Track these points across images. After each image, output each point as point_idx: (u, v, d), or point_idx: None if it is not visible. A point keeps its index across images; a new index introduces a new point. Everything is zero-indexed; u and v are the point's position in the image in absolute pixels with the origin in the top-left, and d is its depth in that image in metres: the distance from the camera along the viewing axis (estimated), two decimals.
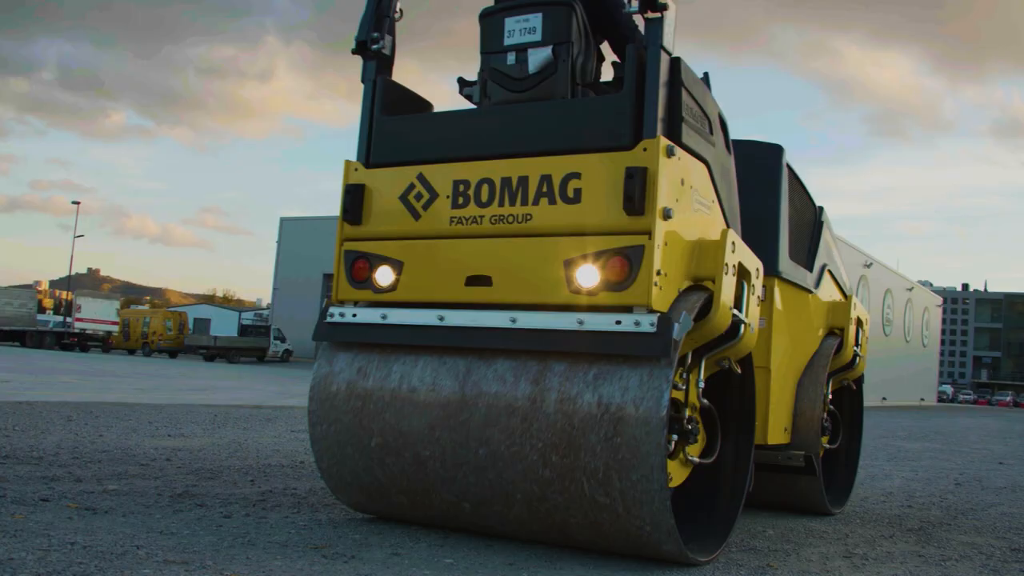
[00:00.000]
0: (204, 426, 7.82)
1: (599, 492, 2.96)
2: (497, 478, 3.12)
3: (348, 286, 3.52)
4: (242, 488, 4.44)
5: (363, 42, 3.65)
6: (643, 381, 2.92)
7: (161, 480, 4.50)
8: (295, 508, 3.95)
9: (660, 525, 2.95)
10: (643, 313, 2.94)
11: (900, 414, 25.21)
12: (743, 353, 3.46)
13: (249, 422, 8.62)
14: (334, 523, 3.64)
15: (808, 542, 3.96)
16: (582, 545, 3.23)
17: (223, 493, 4.22)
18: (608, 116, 3.13)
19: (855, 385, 5.45)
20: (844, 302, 5.18)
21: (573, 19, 3.35)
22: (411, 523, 3.61)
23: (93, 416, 7.92)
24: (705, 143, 3.38)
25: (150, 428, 7.29)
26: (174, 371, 22.77)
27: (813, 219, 5.19)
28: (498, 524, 3.29)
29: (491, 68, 3.49)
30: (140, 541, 3.03)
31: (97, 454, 5.35)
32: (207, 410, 9.77)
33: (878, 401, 36.91)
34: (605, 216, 3.03)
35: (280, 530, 3.40)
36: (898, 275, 45.65)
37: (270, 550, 3.04)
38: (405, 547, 3.22)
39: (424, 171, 3.41)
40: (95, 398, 10.43)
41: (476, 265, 3.24)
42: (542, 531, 3.22)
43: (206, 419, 8.55)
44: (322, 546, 3.16)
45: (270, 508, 3.89)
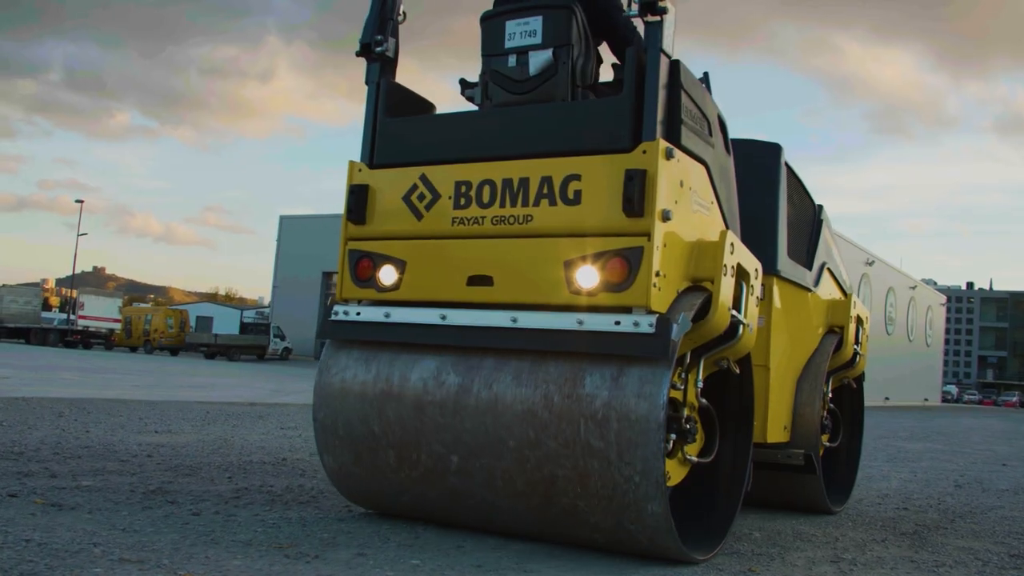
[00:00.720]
0: (194, 423, 7.79)
1: (599, 490, 2.99)
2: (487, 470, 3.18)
3: (352, 285, 3.56)
4: (218, 485, 4.39)
5: (367, 44, 3.69)
6: (641, 381, 2.94)
7: (137, 476, 4.44)
8: (267, 505, 3.89)
9: (658, 524, 2.97)
10: (642, 314, 2.97)
11: (903, 414, 25.07)
12: (742, 353, 3.49)
13: (240, 419, 8.57)
14: (304, 521, 3.58)
15: (795, 545, 3.84)
16: (577, 537, 3.24)
17: (197, 490, 4.16)
18: (608, 118, 3.17)
19: (856, 383, 5.45)
20: (844, 300, 5.18)
21: (573, 22, 3.38)
22: (392, 492, 3.53)
23: (85, 412, 7.92)
24: (704, 145, 3.41)
25: (139, 424, 7.26)
26: (174, 368, 22.77)
27: (812, 218, 5.20)
28: (485, 486, 3.26)
29: (492, 70, 3.52)
30: (99, 539, 2.97)
31: (79, 450, 5.32)
32: (200, 407, 9.72)
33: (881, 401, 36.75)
34: (605, 217, 3.06)
35: (247, 528, 3.34)
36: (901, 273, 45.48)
37: (232, 549, 2.98)
38: (372, 547, 3.16)
39: (427, 172, 3.45)
40: (92, 394, 10.40)
41: (477, 265, 3.28)
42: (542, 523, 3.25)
43: (198, 416, 8.51)
44: (286, 545, 3.10)
45: (242, 506, 3.83)
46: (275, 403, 11.69)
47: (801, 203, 4.99)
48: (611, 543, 3.16)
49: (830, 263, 5.27)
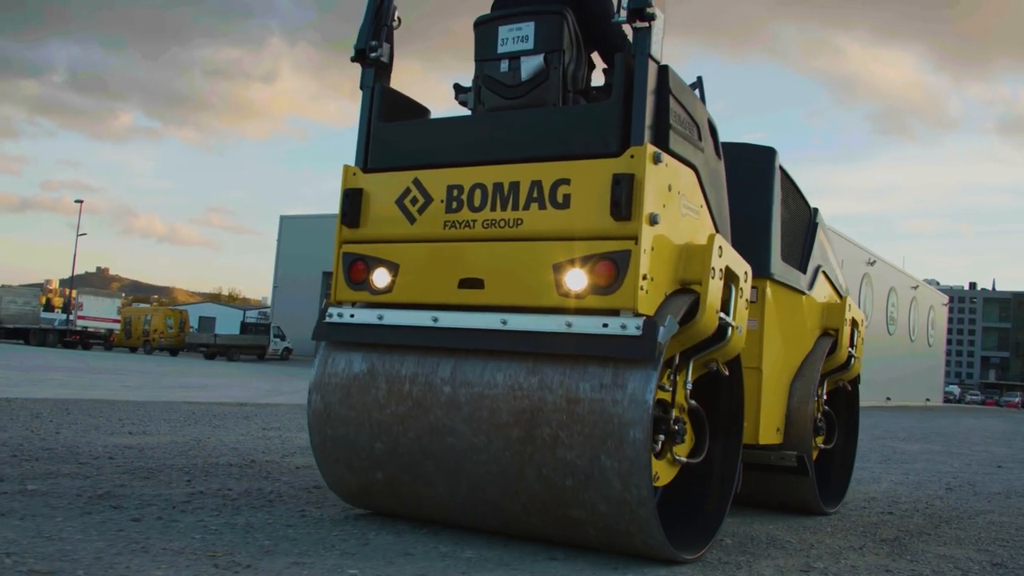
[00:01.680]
0: (174, 424, 7.68)
1: (582, 491, 3.03)
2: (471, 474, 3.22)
3: (346, 287, 3.61)
4: (173, 488, 4.27)
5: (362, 50, 3.75)
6: (628, 383, 2.98)
7: (91, 480, 4.32)
8: (216, 511, 3.76)
9: (646, 523, 3.00)
10: (629, 316, 3.01)
11: (903, 415, 24.89)
12: (731, 355, 3.52)
13: (224, 419, 8.45)
14: (249, 527, 3.45)
15: (766, 553, 3.67)
16: (572, 540, 3.28)
17: (148, 494, 4.04)
18: (596, 123, 3.20)
19: (851, 386, 5.48)
20: (839, 303, 5.21)
21: (564, 28, 3.42)
22: (384, 489, 3.52)
23: (64, 413, 7.85)
24: (693, 149, 3.44)
25: (115, 425, 7.16)
26: (170, 369, 22.69)
27: (808, 221, 5.22)
28: (474, 487, 3.30)
29: (485, 75, 3.57)
30: (17, 547, 2.83)
31: (40, 452, 5.23)
32: (187, 407, 9.62)
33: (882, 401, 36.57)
34: (593, 221, 3.10)
35: (185, 535, 3.22)
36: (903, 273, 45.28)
37: (160, 557, 2.85)
38: (312, 555, 3.06)
39: (419, 176, 3.49)
40: (76, 395, 10.32)
41: (469, 268, 3.32)
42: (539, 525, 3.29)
43: (180, 417, 8.41)
44: (220, 553, 2.97)
45: (190, 511, 3.71)
46: (266, 403, 11.58)
47: (796, 207, 5.02)
48: (600, 541, 3.19)
49: (825, 266, 5.29)
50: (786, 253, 4.66)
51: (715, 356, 3.46)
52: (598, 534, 3.15)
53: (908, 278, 45.72)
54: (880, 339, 38.51)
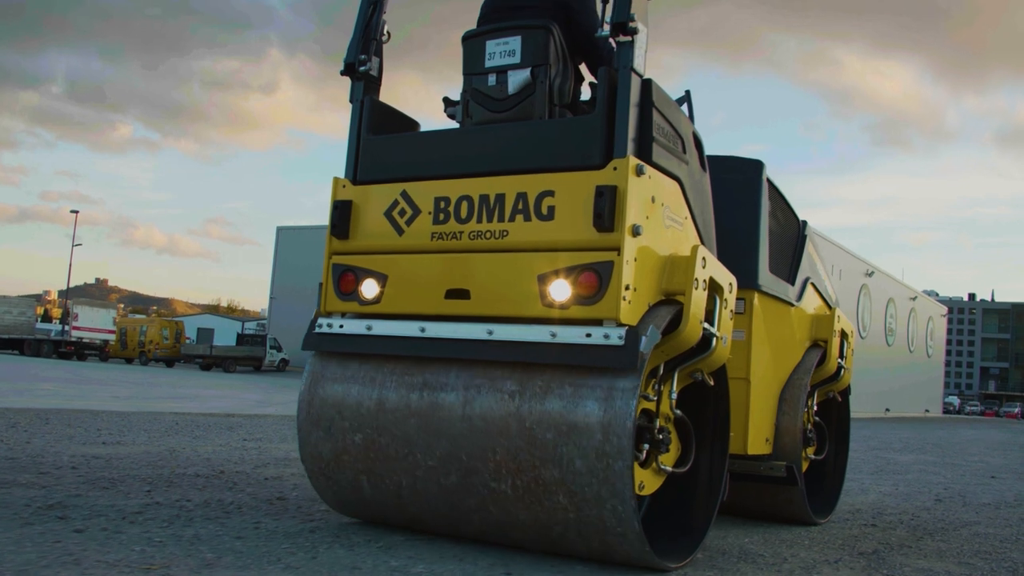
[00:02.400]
0: (153, 434, 7.60)
1: (567, 501, 3.05)
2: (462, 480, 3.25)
3: (336, 298, 3.65)
4: (131, 499, 4.17)
5: (351, 64, 3.80)
6: (611, 392, 3.01)
7: (46, 490, 4.25)
8: (167, 522, 3.66)
9: (629, 532, 3.01)
10: (612, 326, 3.04)
11: (901, 426, 24.77)
12: (716, 365, 3.55)
13: (206, 430, 8.36)
14: (196, 539, 3.35)
15: (736, 568, 3.55)
16: (554, 546, 3.28)
17: (102, 504, 3.95)
18: (580, 136, 3.25)
19: (841, 397, 5.53)
20: (828, 314, 5.25)
21: (551, 42, 3.47)
22: (368, 496, 3.51)
23: (43, 423, 7.80)
24: (678, 161, 3.48)
25: (91, 435, 7.09)
26: (163, 380, 22.58)
27: (796, 233, 5.28)
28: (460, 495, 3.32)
29: (473, 89, 3.62)
30: None
31: (2, 461, 5.14)
32: (172, 418, 9.53)
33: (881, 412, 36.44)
34: (577, 233, 3.14)
35: (126, 547, 3.13)
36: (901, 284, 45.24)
37: (91, 571, 2.77)
38: (254, 569, 2.96)
39: (408, 188, 3.54)
40: (61, 405, 10.24)
41: (455, 279, 3.36)
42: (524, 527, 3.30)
43: (162, 427, 8.32)
44: (156, 566, 2.88)
45: (140, 522, 3.62)
46: (254, 414, 11.50)
47: (784, 219, 5.06)
48: (584, 549, 3.20)
49: (814, 278, 5.34)
50: (774, 265, 4.70)
51: (700, 366, 3.48)
52: (581, 541, 3.16)
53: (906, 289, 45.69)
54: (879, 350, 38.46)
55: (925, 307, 49.12)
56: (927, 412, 47.48)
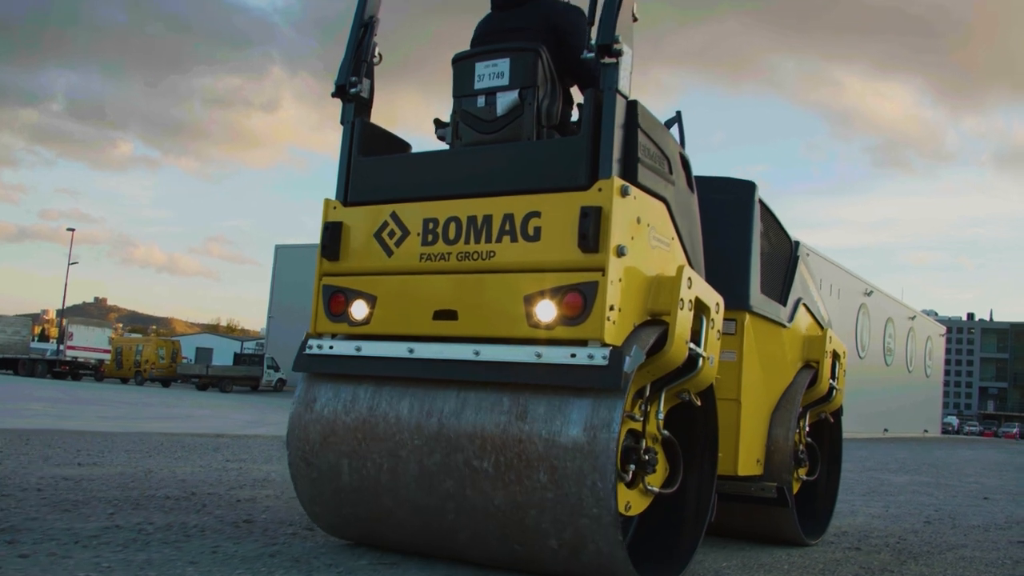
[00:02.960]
0: (134, 454, 7.51)
1: (550, 521, 3.06)
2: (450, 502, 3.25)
3: (326, 319, 3.67)
4: (91, 522, 4.10)
5: (342, 86, 3.83)
6: (595, 412, 3.02)
7: (2, 512, 4.16)
8: (122, 546, 3.59)
9: (613, 552, 3.01)
10: (597, 347, 3.05)
11: (899, 446, 24.71)
12: (703, 386, 3.56)
13: (190, 451, 8.29)
14: (147, 564, 3.27)
15: None
16: (539, 567, 3.27)
17: (58, 528, 3.87)
18: (566, 157, 3.27)
19: (833, 417, 5.53)
20: (820, 335, 5.27)
21: (539, 64, 3.50)
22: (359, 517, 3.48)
23: (22, 443, 7.74)
24: (664, 182, 3.50)
25: (68, 456, 6.98)
26: (157, 399, 22.46)
27: (788, 254, 5.30)
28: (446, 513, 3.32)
29: (462, 111, 3.65)
30: None
31: None
32: (158, 438, 9.46)
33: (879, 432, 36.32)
34: (562, 253, 3.16)
35: (71, 573, 3.05)
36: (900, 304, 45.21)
37: None
38: None
39: (397, 210, 3.56)
40: (47, 426, 10.15)
41: (443, 300, 3.38)
42: None
43: (146, 447, 8.25)
44: None
45: (93, 546, 3.54)
46: (244, 435, 11.42)
47: (776, 240, 5.09)
48: (569, 569, 3.20)
49: (806, 299, 5.35)
50: (766, 286, 4.72)
51: (687, 386, 3.49)
52: (565, 561, 3.15)
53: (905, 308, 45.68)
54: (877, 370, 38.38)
55: (924, 327, 49.08)
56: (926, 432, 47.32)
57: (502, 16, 3.86)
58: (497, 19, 3.87)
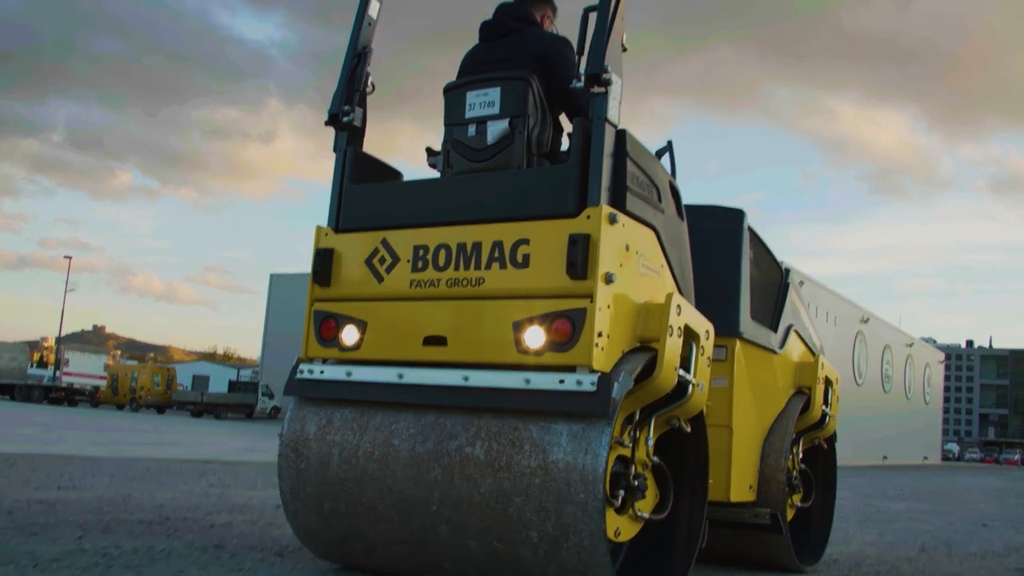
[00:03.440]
0: (117, 479, 7.43)
1: (540, 547, 3.05)
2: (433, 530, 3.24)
3: (317, 344, 3.69)
4: (56, 546, 4.02)
5: (335, 115, 3.87)
6: (584, 438, 3.03)
7: None
8: (82, 570, 3.52)
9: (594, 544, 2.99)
10: (585, 373, 3.07)
11: (898, 473, 24.55)
12: (692, 412, 3.56)
13: (176, 476, 8.24)
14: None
15: None
16: None
17: (19, 552, 3.81)
18: (555, 185, 3.30)
19: (827, 444, 5.55)
20: (811, 362, 5.29)
21: (529, 93, 3.54)
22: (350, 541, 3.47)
23: (7, 467, 7.65)
24: (653, 210, 3.53)
25: (49, 480, 6.89)
26: (149, 426, 22.37)
27: (779, 281, 5.34)
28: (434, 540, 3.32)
29: (453, 139, 3.68)
30: None
31: None
32: (145, 463, 9.40)
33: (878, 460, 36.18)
34: (551, 280, 3.17)
35: None
36: (897, 330, 45.22)
37: None
38: None
39: (387, 236, 3.59)
40: (35, 450, 10.09)
41: (433, 326, 3.39)
42: None
43: (131, 472, 8.20)
44: None
45: (53, 570, 3.49)
46: (233, 460, 11.35)
47: (767, 267, 5.13)
48: None
49: (797, 325, 5.38)
50: (756, 312, 4.75)
51: (676, 413, 3.49)
52: None
53: (903, 335, 45.68)
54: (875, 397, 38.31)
55: (922, 353, 49.07)
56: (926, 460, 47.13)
57: (489, 47, 3.90)
58: (484, 50, 3.92)
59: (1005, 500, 14.34)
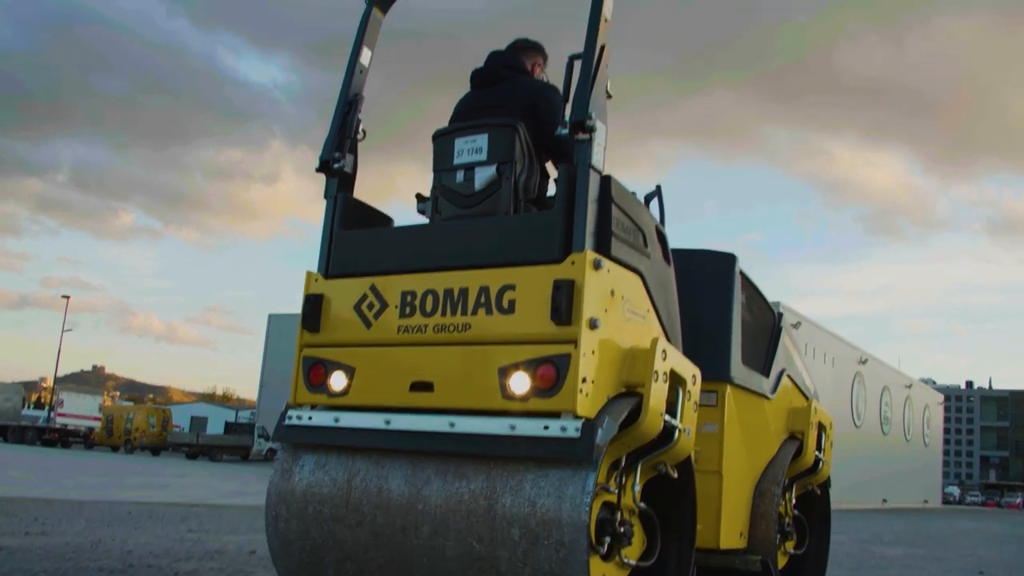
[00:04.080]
0: (92, 523, 7.34)
1: None
2: None
3: (305, 390, 3.68)
4: None
5: (326, 161, 3.92)
6: (568, 484, 3.02)
7: None
8: None
9: None
10: (569, 419, 3.06)
11: (897, 517, 24.32)
12: (679, 458, 3.55)
13: (154, 520, 8.14)
14: None
15: None
16: None
17: None
18: (540, 231, 3.33)
19: (820, 490, 5.52)
20: (804, 407, 5.28)
21: (516, 140, 3.57)
22: None
23: None
24: (639, 255, 3.55)
25: (21, 525, 6.81)
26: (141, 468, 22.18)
27: (771, 325, 5.35)
28: None
29: (442, 185, 3.71)
30: None
31: None
32: (127, 507, 9.29)
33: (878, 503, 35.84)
34: (536, 326, 3.18)
35: None
36: (896, 372, 45.12)
37: None
38: None
39: (376, 282, 3.60)
40: (19, 493, 9.96)
41: (420, 371, 3.40)
42: None
43: (110, 516, 8.12)
44: None
45: None
46: (220, 504, 11.22)
47: (759, 311, 5.13)
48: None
49: (790, 370, 5.37)
50: (748, 357, 4.74)
51: (663, 458, 3.48)
52: None
53: (902, 376, 45.58)
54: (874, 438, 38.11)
55: (921, 395, 48.90)
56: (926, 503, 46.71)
57: (480, 95, 3.95)
58: (475, 98, 3.97)
59: (1005, 546, 14.19)
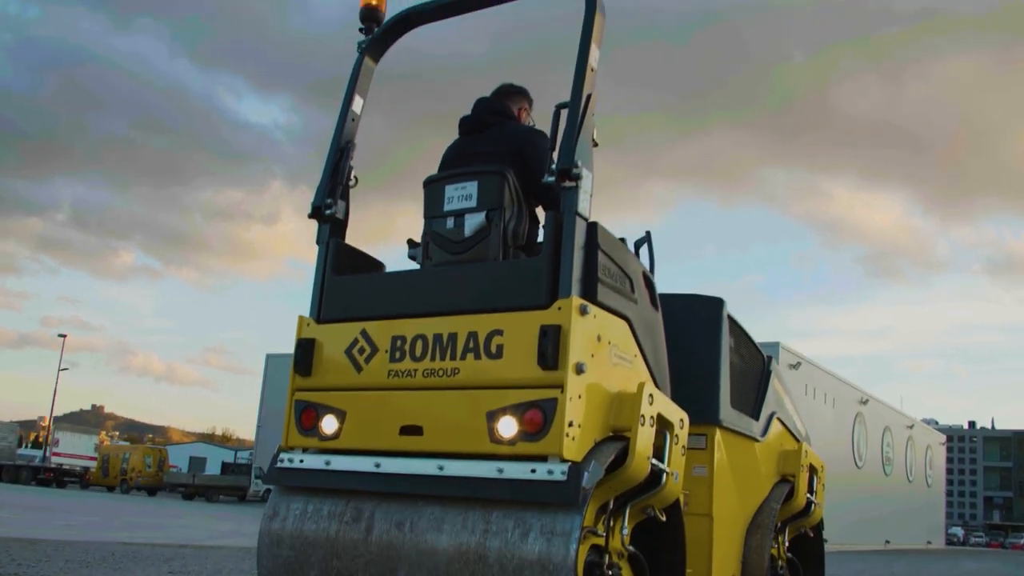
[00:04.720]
0: (72, 564, 7.24)
1: None
2: None
3: (297, 433, 3.72)
4: None
5: (319, 207, 3.98)
6: (555, 527, 3.05)
7: None
8: None
9: None
10: (556, 462, 3.10)
11: (899, 558, 24.04)
12: (667, 501, 3.58)
13: (136, 562, 8.03)
14: None
15: None
16: None
17: None
18: (527, 277, 3.38)
19: (813, 532, 5.52)
20: (795, 449, 5.31)
21: (505, 186, 3.63)
22: None
23: None
24: (625, 300, 3.60)
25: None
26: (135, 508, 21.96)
27: (760, 369, 5.38)
28: None
29: (432, 231, 3.78)
30: None
31: None
32: (112, 548, 9.15)
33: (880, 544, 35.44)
34: (523, 371, 3.23)
35: None
36: (898, 412, 44.89)
37: None
38: None
39: (367, 327, 3.65)
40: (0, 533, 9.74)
41: (409, 415, 3.44)
42: None
43: (92, 557, 7.99)
44: None
45: None
46: (210, 545, 11.08)
47: (748, 355, 5.17)
48: None
49: (780, 413, 5.39)
50: (737, 400, 4.76)
51: (651, 502, 3.51)
52: None
53: (903, 417, 45.34)
54: (876, 479, 37.82)
55: (923, 435, 48.63)
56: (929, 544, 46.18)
57: (468, 140, 4.03)
58: (463, 144, 4.04)
59: None
